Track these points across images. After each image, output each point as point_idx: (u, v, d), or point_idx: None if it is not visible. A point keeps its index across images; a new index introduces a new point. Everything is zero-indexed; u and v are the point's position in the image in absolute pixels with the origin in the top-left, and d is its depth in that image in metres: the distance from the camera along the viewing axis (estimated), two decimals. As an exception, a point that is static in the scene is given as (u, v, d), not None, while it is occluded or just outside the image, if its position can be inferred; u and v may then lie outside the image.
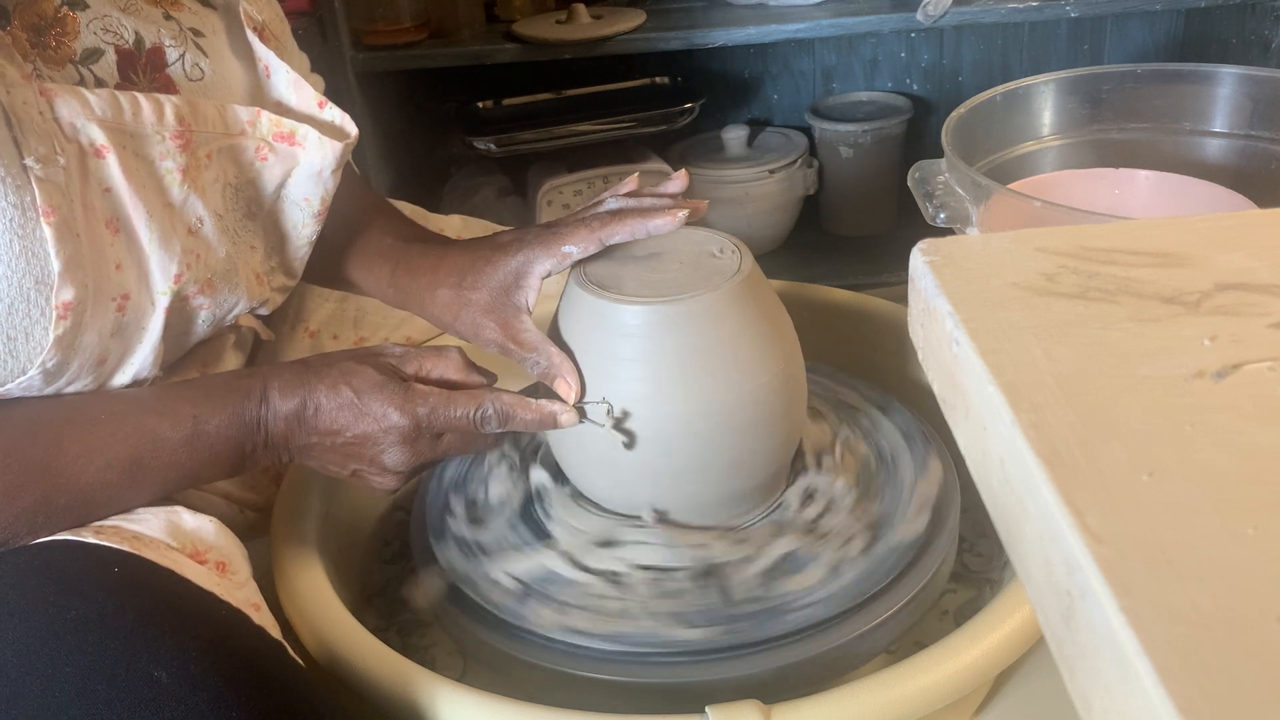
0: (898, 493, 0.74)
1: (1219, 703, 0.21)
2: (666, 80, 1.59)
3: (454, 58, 1.42)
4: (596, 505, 0.75)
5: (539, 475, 0.78)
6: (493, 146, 1.45)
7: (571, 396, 0.69)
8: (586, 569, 0.70)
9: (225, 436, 0.64)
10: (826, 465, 0.77)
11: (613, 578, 0.69)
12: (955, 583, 0.81)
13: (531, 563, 0.71)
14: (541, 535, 0.74)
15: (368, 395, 0.64)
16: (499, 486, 0.78)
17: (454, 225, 1.03)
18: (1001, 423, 0.30)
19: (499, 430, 0.67)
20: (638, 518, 0.72)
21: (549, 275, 0.72)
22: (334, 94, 0.73)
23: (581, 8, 1.42)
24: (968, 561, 0.83)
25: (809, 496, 0.75)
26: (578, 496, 0.76)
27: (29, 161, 0.55)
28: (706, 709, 0.58)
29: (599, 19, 1.43)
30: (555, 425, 0.68)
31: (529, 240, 0.72)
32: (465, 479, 0.80)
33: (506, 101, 1.55)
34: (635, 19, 1.43)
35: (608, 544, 0.71)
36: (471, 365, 0.69)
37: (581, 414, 0.69)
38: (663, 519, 0.72)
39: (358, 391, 0.64)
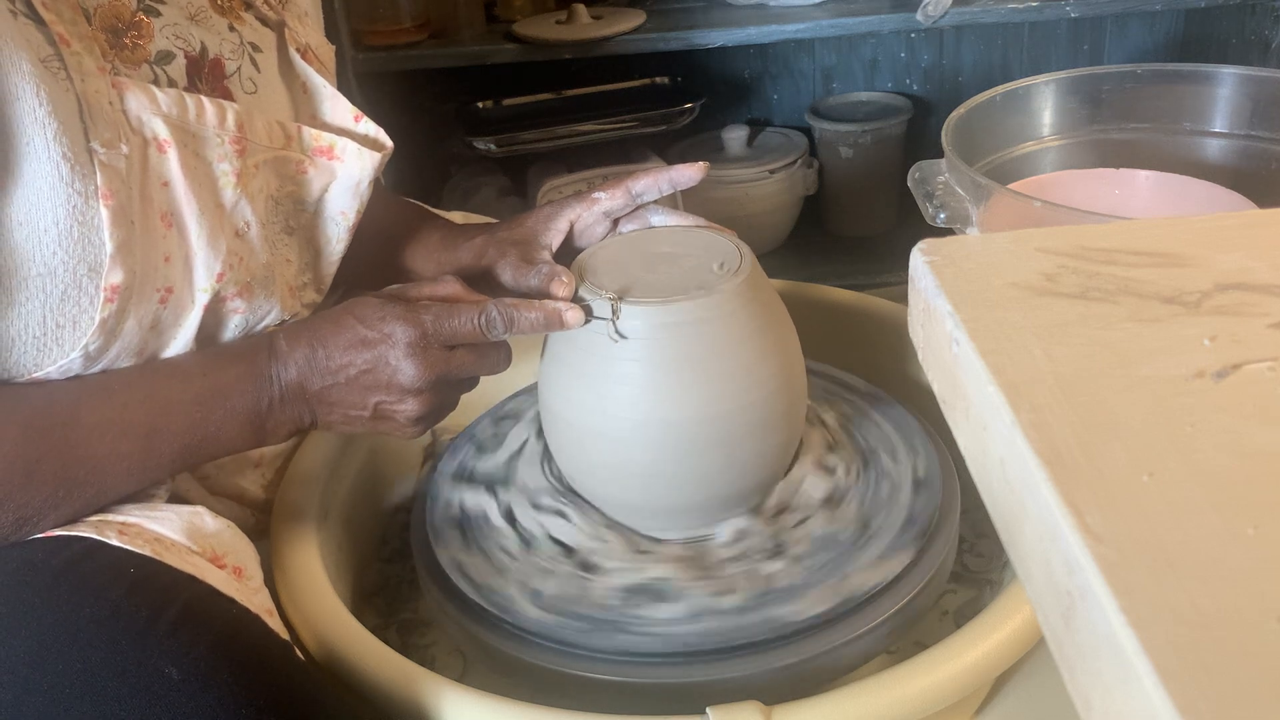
0: (897, 491, 0.74)
1: (1219, 703, 0.21)
2: (666, 80, 1.59)
3: (454, 58, 1.42)
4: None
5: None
6: (493, 146, 1.45)
7: (565, 293, 0.69)
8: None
9: (239, 391, 0.64)
10: (826, 464, 0.77)
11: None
12: (955, 583, 0.81)
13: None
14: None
15: (371, 319, 0.65)
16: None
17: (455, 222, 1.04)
18: (1001, 423, 0.30)
19: (505, 334, 0.67)
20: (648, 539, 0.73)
21: (578, 218, 0.78)
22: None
23: (581, 8, 1.42)
24: (968, 561, 0.83)
25: (810, 493, 0.75)
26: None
27: (94, 145, 0.57)
28: (707, 709, 0.58)
29: (599, 19, 1.43)
30: (561, 323, 0.67)
31: (563, 197, 0.79)
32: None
33: (506, 101, 1.55)
34: (635, 19, 1.43)
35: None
36: (469, 287, 0.69)
37: (588, 312, 0.68)
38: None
39: (361, 318, 0.65)
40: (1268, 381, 0.31)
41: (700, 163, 0.77)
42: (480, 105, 1.55)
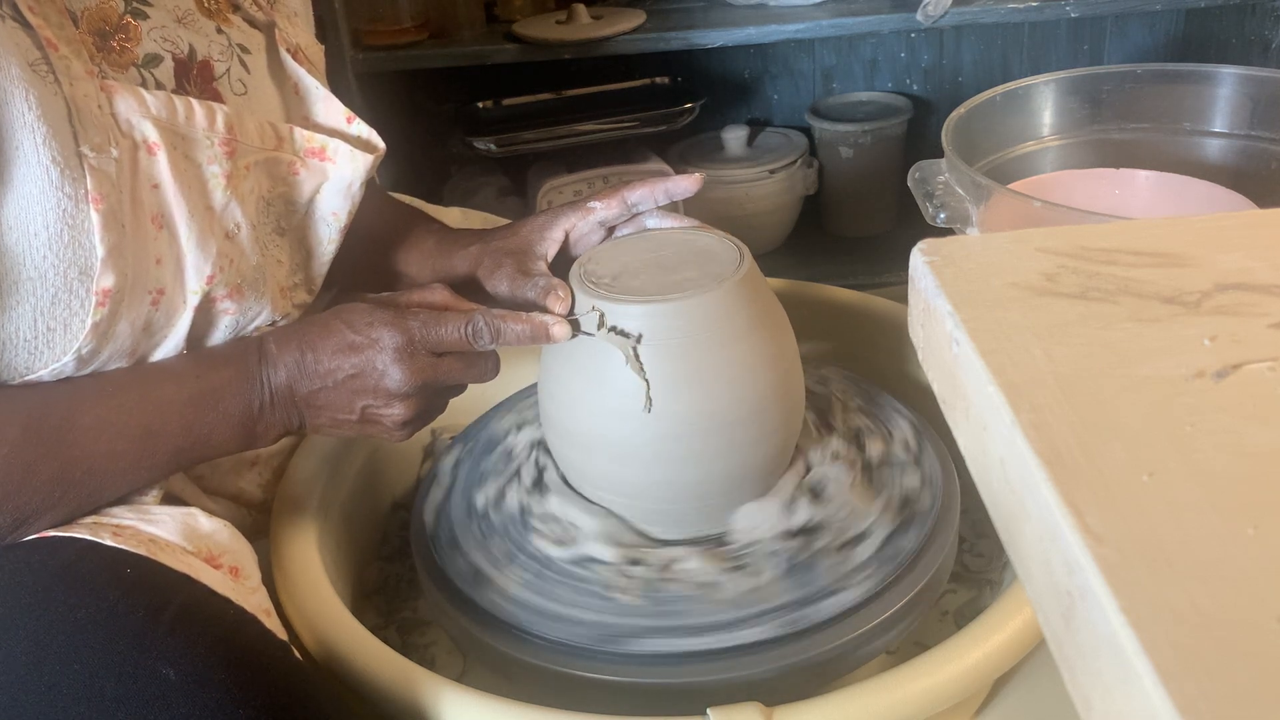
0: (897, 488, 0.74)
1: (1219, 703, 0.21)
2: (666, 80, 1.59)
3: (454, 58, 1.42)
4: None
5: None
6: (493, 146, 1.45)
7: (561, 309, 0.69)
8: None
9: (231, 393, 0.65)
10: (825, 463, 0.77)
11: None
12: (955, 583, 0.82)
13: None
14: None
15: (359, 324, 0.65)
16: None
17: (453, 217, 1.04)
18: (1001, 423, 0.30)
19: (492, 344, 0.67)
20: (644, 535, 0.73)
21: (573, 228, 0.77)
22: (334, 94, 0.74)
23: (581, 8, 1.42)
24: (968, 561, 0.83)
25: (810, 491, 0.75)
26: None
27: (84, 149, 0.57)
28: (707, 709, 0.58)
29: (599, 19, 1.43)
30: (548, 337, 0.68)
31: (559, 205, 0.79)
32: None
33: (506, 101, 1.55)
34: (635, 19, 1.43)
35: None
36: (458, 296, 0.70)
37: (575, 326, 0.69)
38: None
39: (349, 324, 0.66)
40: (1268, 381, 0.31)
41: (696, 174, 0.77)
42: (480, 105, 1.55)
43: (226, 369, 0.65)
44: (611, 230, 0.79)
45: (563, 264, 0.76)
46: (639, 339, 0.68)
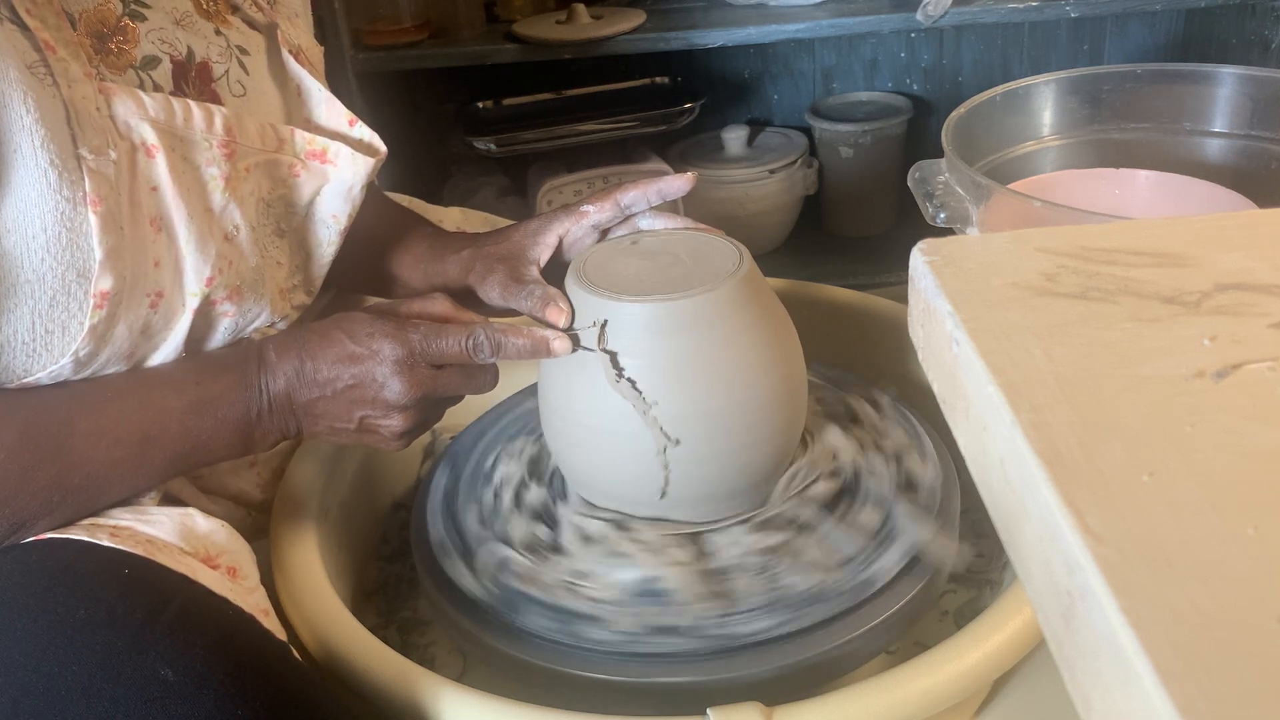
0: (897, 491, 0.74)
1: (1219, 703, 0.21)
2: (666, 80, 1.59)
3: (454, 58, 1.42)
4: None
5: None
6: (493, 146, 1.45)
7: (562, 321, 0.69)
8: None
9: (229, 401, 0.65)
10: (826, 463, 0.77)
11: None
12: (955, 583, 0.81)
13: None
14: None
15: (360, 334, 0.65)
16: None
17: (453, 216, 1.04)
18: (1001, 423, 0.30)
19: (492, 358, 0.67)
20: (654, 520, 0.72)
21: (566, 232, 0.77)
22: (333, 94, 0.74)
23: (581, 8, 1.42)
24: (968, 561, 0.83)
25: (810, 492, 0.75)
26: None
27: (82, 151, 0.57)
28: (707, 710, 0.58)
29: (599, 19, 1.43)
30: (549, 352, 0.68)
31: (552, 210, 0.79)
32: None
33: (506, 101, 1.55)
34: (635, 19, 1.43)
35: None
36: (460, 306, 0.70)
37: (575, 341, 0.69)
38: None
39: (350, 334, 0.66)
40: (1268, 381, 0.31)
41: (689, 173, 0.77)
42: (480, 105, 1.55)
43: (225, 376, 0.65)
44: (605, 233, 0.79)
45: (556, 269, 0.76)
46: (617, 362, 0.67)
